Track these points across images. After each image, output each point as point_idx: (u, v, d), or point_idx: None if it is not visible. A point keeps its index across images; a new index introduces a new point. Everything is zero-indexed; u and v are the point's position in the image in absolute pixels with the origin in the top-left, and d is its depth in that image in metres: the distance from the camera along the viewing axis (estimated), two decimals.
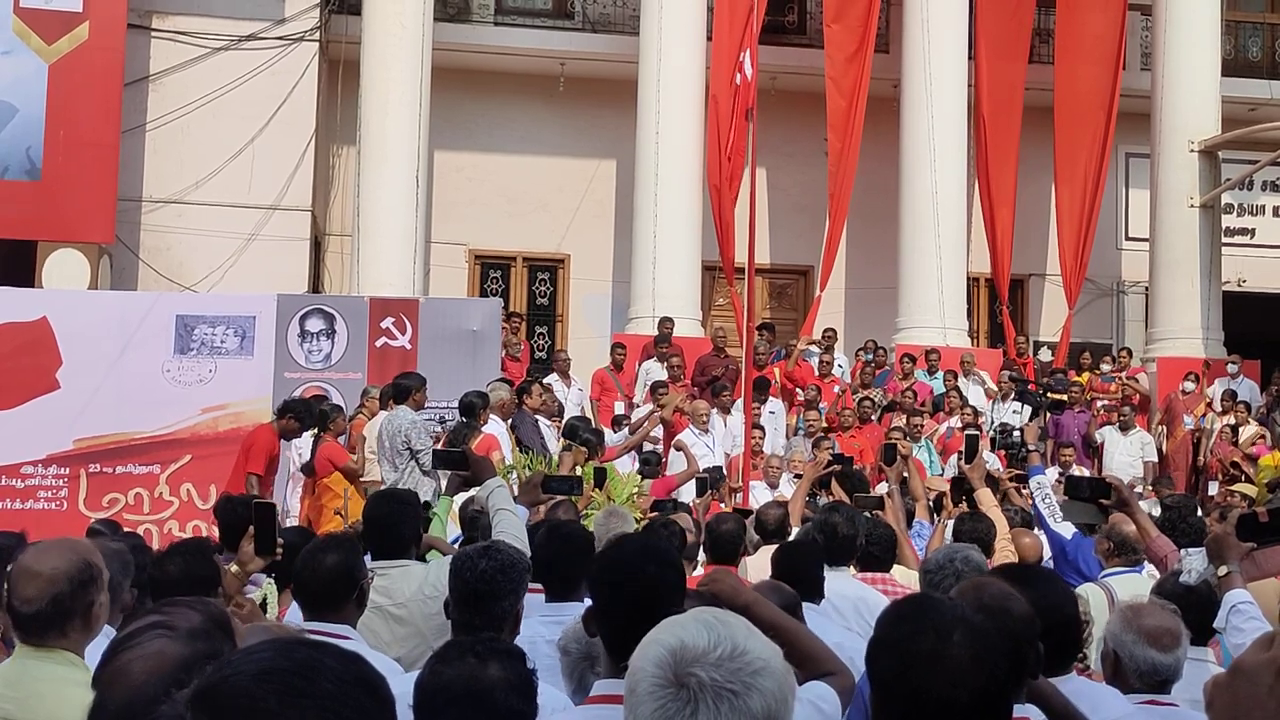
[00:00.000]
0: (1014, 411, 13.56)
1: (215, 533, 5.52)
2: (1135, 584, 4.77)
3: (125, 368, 10.48)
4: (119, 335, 10.61)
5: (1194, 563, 4.05)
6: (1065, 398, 14.33)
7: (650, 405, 12.55)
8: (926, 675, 1.79)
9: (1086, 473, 11.86)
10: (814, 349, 14.71)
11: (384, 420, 9.43)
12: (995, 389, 14.11)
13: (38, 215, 13.72)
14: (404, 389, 9.41)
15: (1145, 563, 4.95)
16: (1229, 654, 3.55)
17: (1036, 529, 6.35)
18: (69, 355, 10.47)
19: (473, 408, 9.01)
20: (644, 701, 1.55)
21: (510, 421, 10.08)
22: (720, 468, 10.56)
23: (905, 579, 5.12)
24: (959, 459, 8.25)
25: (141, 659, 1.73)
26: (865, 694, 2.92)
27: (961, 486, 6.37)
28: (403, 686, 2.92)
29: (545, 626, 3.45)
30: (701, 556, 5.87)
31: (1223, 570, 3.69)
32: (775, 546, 4.88)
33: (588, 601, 3.73)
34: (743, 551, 6.23)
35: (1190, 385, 14.70)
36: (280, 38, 15.45)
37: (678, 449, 10.99)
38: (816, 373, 14.12)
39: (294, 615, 3.66)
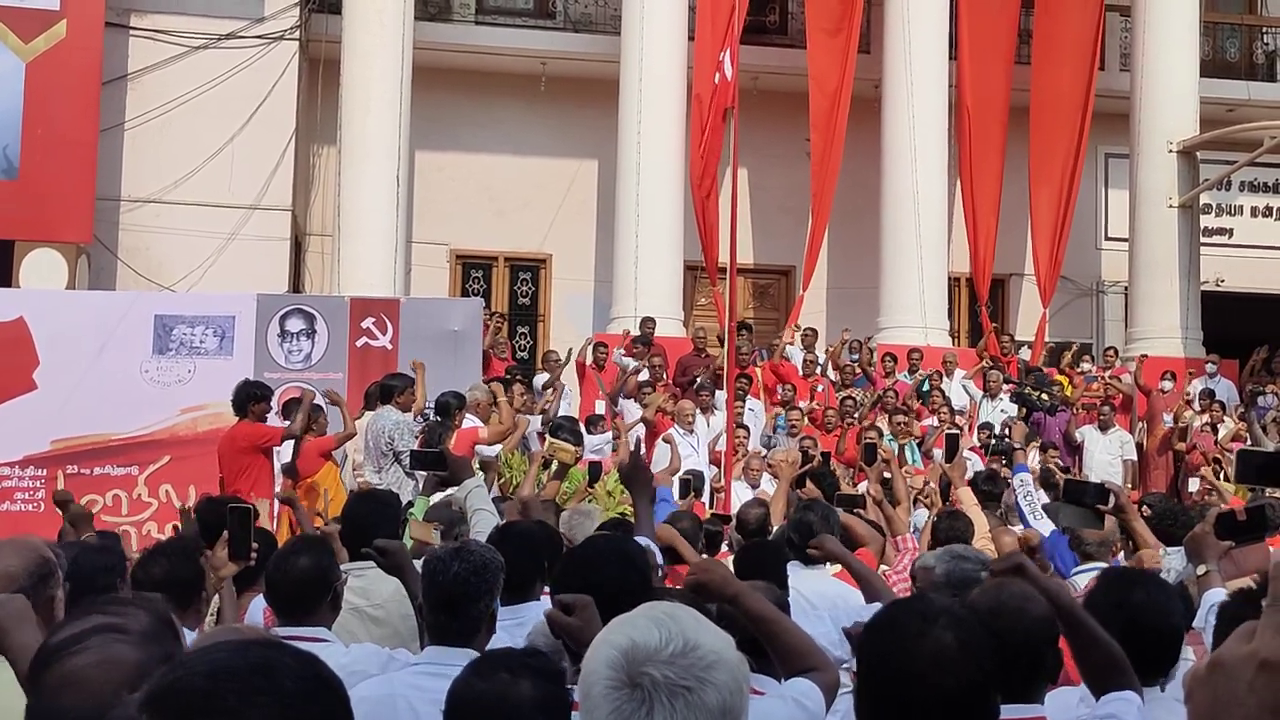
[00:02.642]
0: (1001, 411, 13.58)
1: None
2: None
3: (103, 368, 10.40)
4: (97, 335, 10.52)
5: (1173, 562, 4.05)
6: (1045, 397, 14.36)
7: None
8: (912, 659, 1.83)
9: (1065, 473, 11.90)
10: (795, 348, 14.72)
11: (369, 420, 9.41)
12: (978, 391, 14.14)
13: (15, 214, 13.62)
14: (389, 390, 9.39)
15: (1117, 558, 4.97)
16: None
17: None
18: (46, 356, 10.38)
19: (448, 408, 8.99)
20: (599, 705, 1.54)
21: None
22: (701, 473, 10.54)
23: None
24: (940, 456, 8.26)
25: (97, 665, 1.62)
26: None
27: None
28: (385, 688, 2.90)
29: (504, 630, 3.43)
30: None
31: (1201, 569, 3.69)
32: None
33: (545, 601, 3.73)
34: (725, 551, 6.23)
35: (1168, 384, 14.78)
36: (260, 36, 15.38)
37: (667, 441, 10.94)
38: (801, 373, 14.13)
39: (252, 618, 3.62)
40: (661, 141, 14.84)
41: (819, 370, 14.29)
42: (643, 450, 11.93)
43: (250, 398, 9.02)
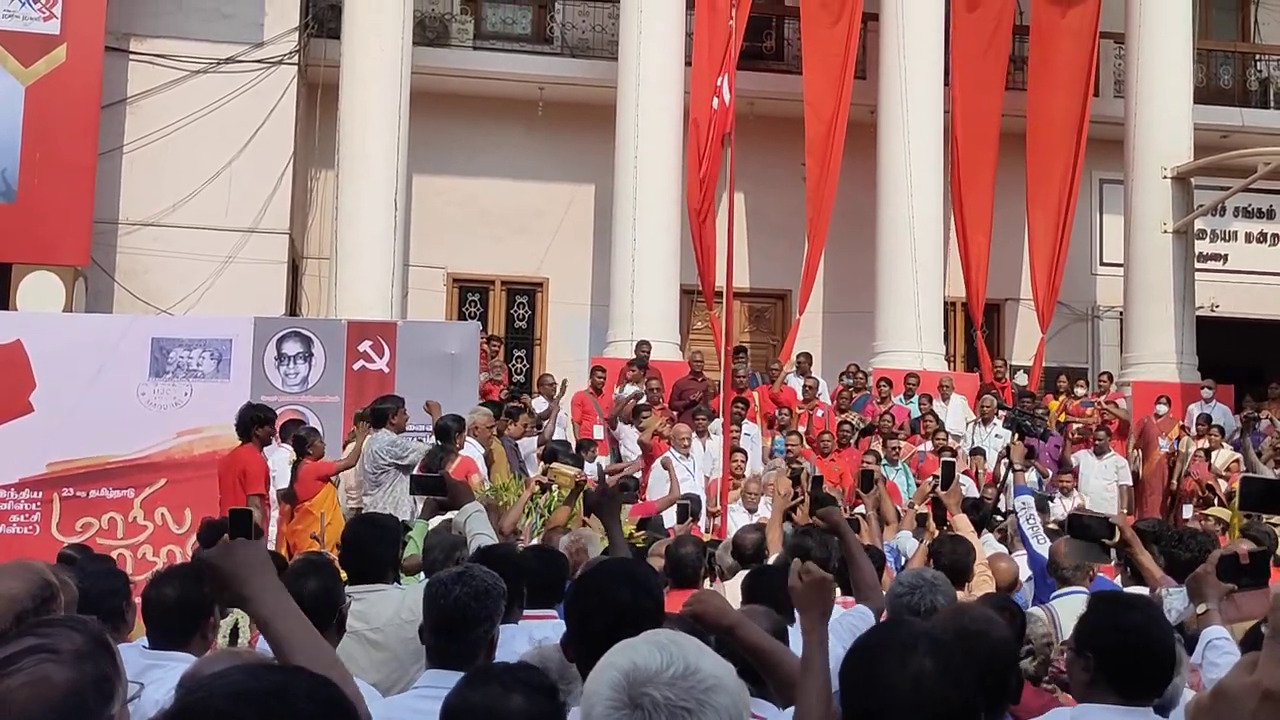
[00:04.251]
0: (995, 435, 13.58)
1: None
2: (1077, 605, 4.79)
3: (100, 391, 10.38)
4: (94, 358, 10.51)
5: (1174, 602, 4.05)
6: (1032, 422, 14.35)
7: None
8: (894, 685, 1.85)
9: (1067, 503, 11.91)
10: (793, 374, 14.75)
11: (365, 444, 9.43)
12: (972, 415, 14.16)
13: (13, 237, 13.63)
14: (382, 413, 9.40)
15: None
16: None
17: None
18: (43, 378, 10.36)
19: (448, 431, 8.98)
20: None
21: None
22: (698, 496, 10.53)
23: None
24: (933, 482, 8.27)
25: (28, 686, 1.59)
26: None
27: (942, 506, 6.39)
28: (384, 712, 2.91)
29: None
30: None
31: (1201, 608, 3.69)
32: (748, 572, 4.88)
33: (523, 624, 3.72)
34: (718, 576, 6.23)
35: (1163, 409, 14.81)
36: (259, 61, 15.45)
37: (665, 467, 10.95)
38: (800, 397, 14.15)
39: (261, 642, 3.62)
40: (658, 166, 14.91)
41: (818, 395, 14.32)
42: (640, 473, 11.93)
43: (254, 420, 9.02)
